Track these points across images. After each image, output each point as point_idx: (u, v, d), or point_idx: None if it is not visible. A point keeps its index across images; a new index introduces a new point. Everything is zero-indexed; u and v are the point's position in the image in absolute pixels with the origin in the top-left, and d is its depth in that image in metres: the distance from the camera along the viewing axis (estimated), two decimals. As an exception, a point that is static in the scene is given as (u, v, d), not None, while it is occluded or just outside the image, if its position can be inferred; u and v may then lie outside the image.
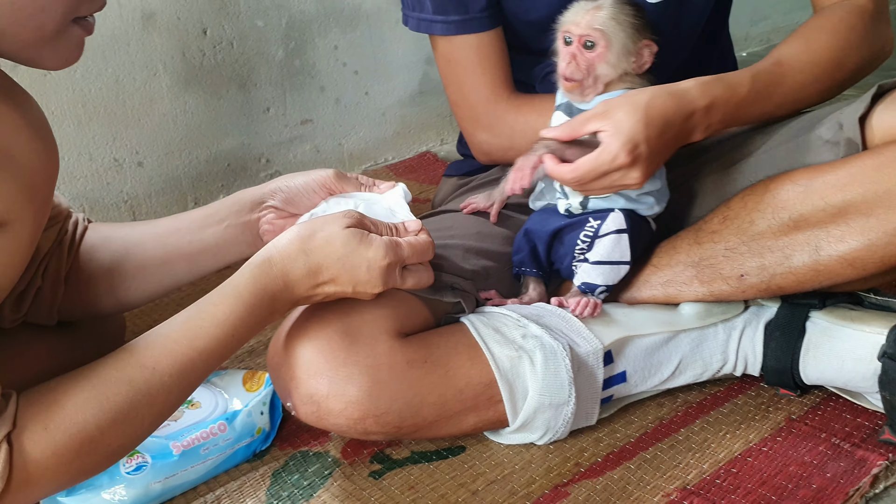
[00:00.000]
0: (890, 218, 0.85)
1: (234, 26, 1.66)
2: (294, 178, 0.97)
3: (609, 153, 0.85)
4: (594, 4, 0.93)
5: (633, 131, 0.85)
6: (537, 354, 0.90)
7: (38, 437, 0.66)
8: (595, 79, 0.93)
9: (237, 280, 0.77)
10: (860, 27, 0.99)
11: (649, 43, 0.93)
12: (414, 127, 2.02)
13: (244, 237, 0.96)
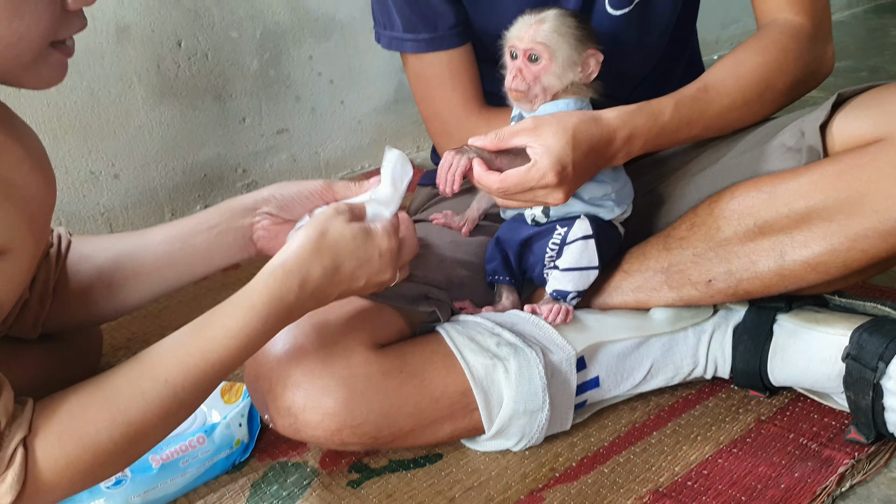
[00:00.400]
0: (851, 223, 0.87)
1: (209, 38, 1.67)
2: (288, 187, 0.98)
3: (538, 171, 0.86)
4: (538, 18, 0.95)
5: (562, 153, 0.86)
6: (511, 362, 0.91)
7: (51, 447, 0.67)
8: (542, 90, 0.95)
9: (250, 291, 0.76)
10: (794, 48, 0.99)
11: (594, 52, 0.95)
12: (390, 135, 2.03)
13: (236, 242, 0.97)
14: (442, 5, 1.07)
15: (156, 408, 0.71)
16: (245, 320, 0.74)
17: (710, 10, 2.04)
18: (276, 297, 0.76)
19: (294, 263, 0.77)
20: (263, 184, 1.81)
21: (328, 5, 1.83)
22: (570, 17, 0.95)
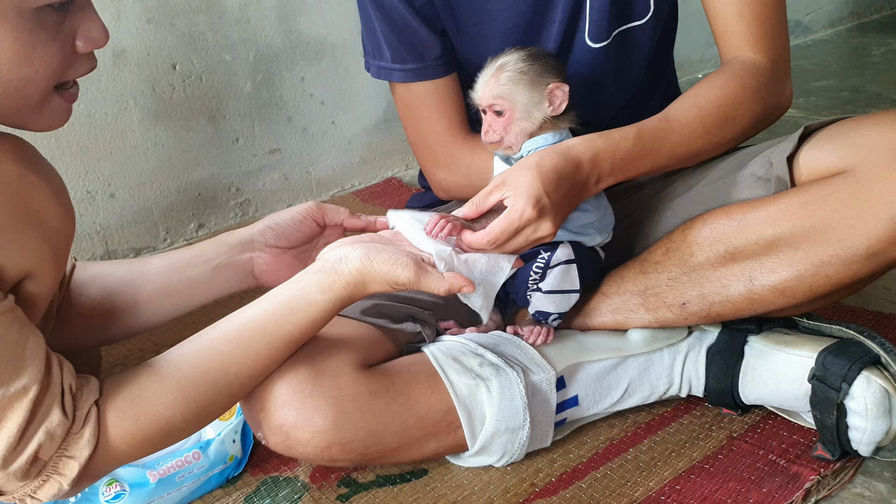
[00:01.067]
0: (816, 251, 0.92)
1: (203, 61, 1.71)
2: (280, 216, 1.02)
3: (516, 211, 0.88)
4: (495, 68, 0.97)
5: (531, 188, 0.88)
6: (493, 382, 0.95)
7: (129, 426, 0.77)
8: (515, 137, 0.98)
9: (315, 310, 0.85)
10: (752, 83, 1.03)
11: (558, 85, 0.97)
12: (379, 153, 2.08)
13: (233, 276, 1.02)
14: (429, 37, 1.12)
15: (224, 395, 0.83)
16: (307, 330, 0.86)
17: (694, 30, 2.08)
18: (330, 313, 0.87)
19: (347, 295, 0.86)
20: (256, 202, 1.86)
21: (320, 29, 1.87)
22: (524, 60, 0.97)
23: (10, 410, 0.70)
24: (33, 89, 0.74)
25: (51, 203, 0.77)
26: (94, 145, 1.61)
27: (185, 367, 0.80)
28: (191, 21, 1.67)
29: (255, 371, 0.84)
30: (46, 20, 0.72)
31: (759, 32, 1.06)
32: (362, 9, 1.16)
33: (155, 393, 0.78)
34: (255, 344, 0.83)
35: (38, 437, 0.71)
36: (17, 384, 0.71)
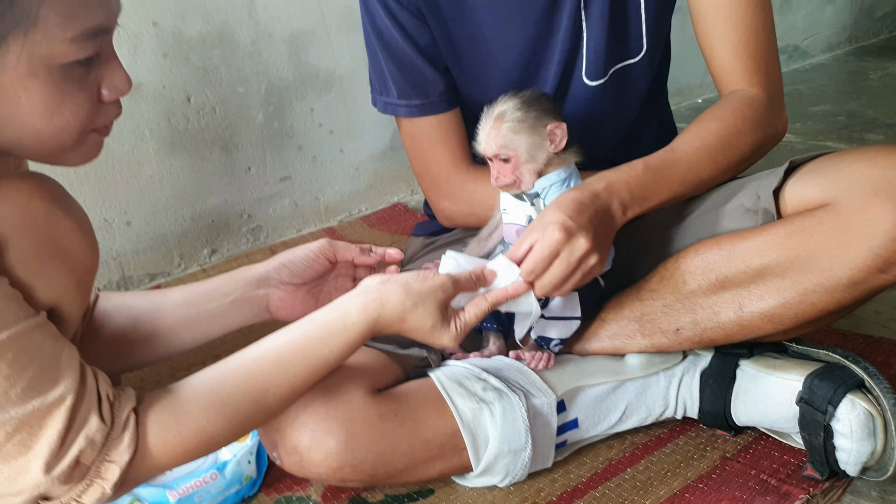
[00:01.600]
0: (801, 279, 0.97)
1: (217, 93, 1.77)
2: (293, 253, 1.08)
3: (544, 239, 0.93)
4: (494, 117, 1.03)
5: (552, 217, 0.93)
6: (496, 406, 1.00)
7: (171, 437, 0.80)
8: (525, 177, 1.03)
9: (349, 331, 0.89)
10: (750, 114, 1.09)
11: (556, 125, 1.02)
12: (385, 180, 2.14)
13: (249, 310, 1.07)
14: (432, 75, 1.18)
15: (262, 412, 0.87)
16: (341, 355, 0.90)
17: (693, 56, 2.12)
18: (364, 337, 0.91)
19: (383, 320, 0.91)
20: (267, 228, 1.92)
21: (328, 62, 1.94)
22: (521, 108, 1.02)
23: (50, 418, 0.74)
24: (66, 136, 0.79)
25: (76, 237, 0.82)
26: (111, 175, 1.67)
27: (227, 384, 0.84)
28: (205, 55, 1.74)
29: (292, 391, 0.88)
30: (74, 74, 0.77)
31: (754, 68, 1.12)
32: (370, 48, 1.22)
33: (198, 407, 0.82)
34: (294, 365, 0.87)
35: (79, 442, 0.75)
36: (53, 393, 0.74)
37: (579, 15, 1.12)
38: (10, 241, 0.76)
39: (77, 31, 0.75)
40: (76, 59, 0.76)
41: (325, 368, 0.89)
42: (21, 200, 0.78)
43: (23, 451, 0.73)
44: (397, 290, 0.91)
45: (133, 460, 0.78)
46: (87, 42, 0.76)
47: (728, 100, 1.12)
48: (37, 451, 0.73)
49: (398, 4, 1.14)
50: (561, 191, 1.02)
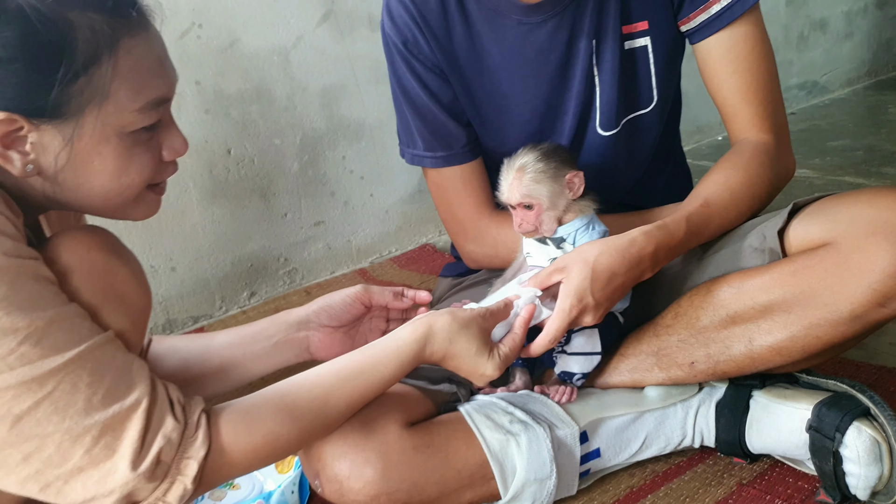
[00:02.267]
0: (806, 314, 1.03)
1: (255, 145, 1.88)
2: (332, 298, 1.16)
3: (562, 310, 1.03)
4: (516, 168, 1.11)
5: (580, 288, 1.02)
6: (523, 437, 1.07)
7: (242, 437, 0.87)
8: (546, 223, 1.11)
9: (402, 352, 0.98)
10: (767, 162, 1.17)
11: (575, 173, 1.11)
12: (414, 222, 2.23)
13: (291, 351, 1.16)
14: (456, 128, 1.27)
15: (322, 421, 0.95)
16: (394, 373, 0.98)
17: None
18: (417, 360, 0.99)
19: (433, 342, 0.99)
20: (303, 271, 2.01)
21: (358, 112, 2.05)
22: (541, 159, 1.11)
23: (129, 421, 0.81)
24: (130, 193, 0.90)
25: (132, 284, 0.91)
26: (157, 224, 1.78)
27: (293, 393, 0.92)
28: (244, 110, 1.85)
29: (349, 403, 0.96)
30: (140, 138, 0.88)
31: (763, 114, 1.20)
32: (397, 104, 1.31)
33: (267, 411, 0.89)
34: (351, 381, 0.95)
35: (158, 441, 0.82)
36: (130, 398, 0.81)
37: (592, 71, 1.20)
38: (75, 287, 0.85)
39: (143, 103, 0.86)
40: (142, 126, 0.87)
41: (379, 385, 0.97)
42: (82, 250, 0.87)
43: (109, 454, 0.80)
44: (444, 315, 1.01)
45: (208, 456, 0.85)
46: (152, 111, 0.87)
47: (745, 147, 1.19)
48: (122, 453, 0.80)
49: (422, 65, 1.24)
50: (587, 235, 1.10)
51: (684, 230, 1.09)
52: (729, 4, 1.16)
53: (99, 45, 0.82)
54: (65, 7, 0.80)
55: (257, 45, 1.85)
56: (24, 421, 0.77)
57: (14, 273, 0.77)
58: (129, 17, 0.85)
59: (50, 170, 0.85)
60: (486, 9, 1.19)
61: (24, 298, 0.77)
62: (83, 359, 0.79)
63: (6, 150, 0.83)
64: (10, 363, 0.75)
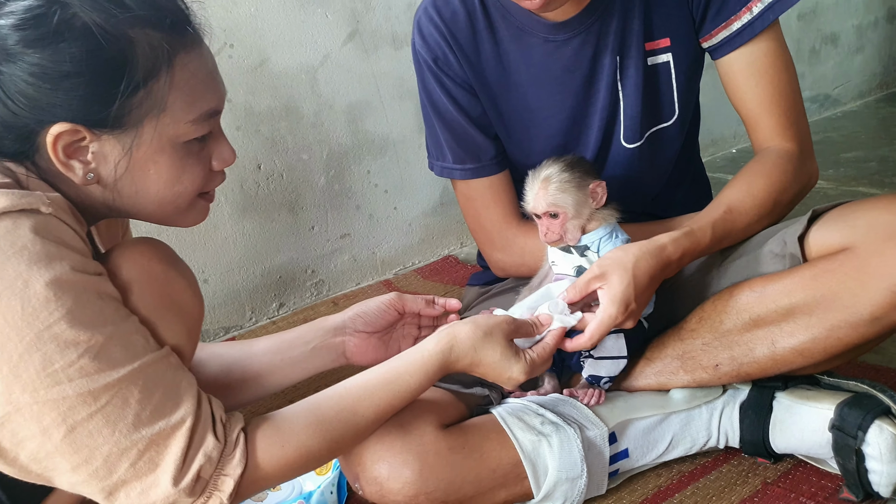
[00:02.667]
0: (827, 316, 1.06)
1: (284, 160, 1.94)
2: (367, 305, 1.21)
3: (609, 316, 1.06)
4: (541, 179, 1.15)
5: (625, 294, 1.06)
6: (554, 438, 1.11)
7: (276, 451, 0.91)
8: (570, 232, 1.16)
9: (427, 362, 1.01)
10: (790, 170, 1.21)
11: (598, 183, 1.15)
12: (436, 234, 2.28)
13: (328, 356, 1.20)
14: (484, 141, 1.32)
15: (351, 430, 0.97)
16: (420, 382, 1.00)
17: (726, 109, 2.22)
18: (442, 368, 1.02)
19: (457, 352, 1.02)
20: (329, 282, 2.06)
21: (383, 128, 2.10)
22: (566, 170, 1.15)
23: (173, 438, 0.85)
24: (183, 201, 0.95)
25: (187, 293, 0.96)
26: (190, 238, 1.83)
27: (322, 406, 0.96)
28: (273, 127, 1.91)
29: (377, 414, 0.98)
30: (192, 149, 0.94)
31: (786, 124, 1.24)
32: (426, 118, 1.36)
33: (297, 424, 0.93)
34: (378, 391, 0.98)
35: (199, 459, 0.86)
36: (176, 416, 0.85)
37: (616, 86, 1.25)
38: (135, 296, 0.90)
39: (196, 114, 0.91)
40: (195, 137, 0.92)
41: (406, 395, 1.00)
42: (143, 262, 0.92)
43: (152, 468, 0.84)
44: (467, 324, 1.04)
45: (244, 473, 0.89)
46: (204, 122, 0.93)
47: (768, 155, 1.23)
48: (164, 468, 0.84)
49: (452, 81, 1.29)
50: (611, 243, 1.14)
51: (709, 237, 1.13)
52: (749, 22, 1.20)
53: (157, 60, 0.87)
54: (126, 25, 0.85)
55: (286, 63, 1.91)
56: (76, 431, 0.81)
57: (80, 288, 0.81)
58: (184, 34, 0.90)
59: (109, 178, 0.90)
60: (513, 27, 1.24)
61: (87, 314, 0.81)
62: (136, 375, 0.83)
63: (69, 159, 0.88)
64: (69, 374, 0.79)
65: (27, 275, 0.78)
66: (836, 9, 3.39)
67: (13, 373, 0.78)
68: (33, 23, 0.83)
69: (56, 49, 0.83)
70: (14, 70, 0.84)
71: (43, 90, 0.84)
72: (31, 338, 0.78)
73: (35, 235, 0.79)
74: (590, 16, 1.21)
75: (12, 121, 0.86)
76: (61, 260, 0.80)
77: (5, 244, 0.78)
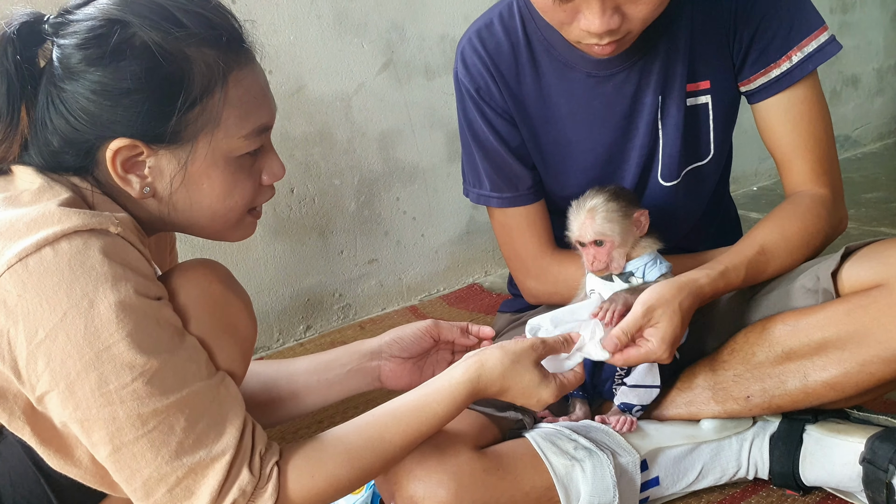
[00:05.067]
0: (860, 351, 1.08)
1: (316, 185, 1.98)
2: (403, 330, 1.23)
3: (655, 354, 1.09)
4: (587, 209, 1.18)
5: (673, 335, 1.08)
6: (587, 463, 1.13)
7: (306, 482, 0.92)
8: (616, 260, 1.18)
9: (455, 390, 1.01)
10: (823, 214, 1.24)
11: (642, 213, 1.19)
12: (462, 262, 2.31)
13: (363, 379, 1.22)
14: (522, 171, 1.35)
15: (379, 458, 0.97)
16: (447, 410, 1.00)
17: (747, 147, 2.26)
18: (471, 395, 1.02)
19: (485, 379, 1.02)
20: (356, 307, 2.09)
21: (413, 156, 2.14)
22: (611, 200, 1.18)
23: (211, 469, 0.85)
24: (233, 216, 0.98)
25: (243, 315, 0.99)
26: (223, 258, 1.82)
27: (350, 435, 0.96)
28: (307, 152, 1.95)
29: (405, 441, 0.98)
30: (244, 163, 0.97)
31: (819, 170, 1.27)
32: (465, 146, 1.40)
33: (327, 454, 0.93)
34: (406, 417, 0.98)
35: (233, 493, 0.87)
36: (217, 447, 0.86)
37: (656, 125, 1.28)
38: (195, 316, 0.92)
39: (249, 129, 0.95)
40: (247, 152, 0.95)
41: (434, 422, 1.00)
42: (204, 283, 0.95)
43: (187, 496, 0.85)
44: (495, 351, 1.04)
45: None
46: (256, 137, 0.96)
47: (802, 199, 1.25)
48: (199, 497, 0.85)
49: (493, 111, 1.32)
50: (655, 269, 1.17)
51: (742, 278, 1.16)
52: (788, 70, 1.23)
53: (213, 77, 0.91)
54: (183, 43, 0.89)
55: (322, 91, 1.96)
56: (121, 452, 0.83)
57: (141, 313, 0.83)
58: (238, 52, 0.94)
59: (165, 192, 0.93)
60: (556, 61, 1.28)
61: (145, 338, 0.83)
62: (184, 403, 0.85)
63: (126, 173, 0.91)
64: (122, 396, 0.81)
65: (93, 295, 0.80)
66: (857, 52, 3.43)
67: (69, 388, 0.81)
68: (95, 42, 0.87)
69: (117, 67, 0.87)
70: (76, 87, 0.87)
71: (104, 107, 0.87)
72: (91, 357, 0.80)
73: (103, 256, 0.81)
74: (634, 54, 1.24)
75: (74, 136, 0.89)
76: (126, 282, 0.82)
77: (75, 263, 0.80)
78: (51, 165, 0.91)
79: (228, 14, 0.95)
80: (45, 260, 0.79)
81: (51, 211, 0.82)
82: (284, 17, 1.88)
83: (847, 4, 3.35)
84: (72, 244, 0.81)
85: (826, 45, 1.24)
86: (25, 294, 0.79)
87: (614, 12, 1.06)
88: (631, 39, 1.14)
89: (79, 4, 0.91)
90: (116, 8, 0.88)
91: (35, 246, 0.79)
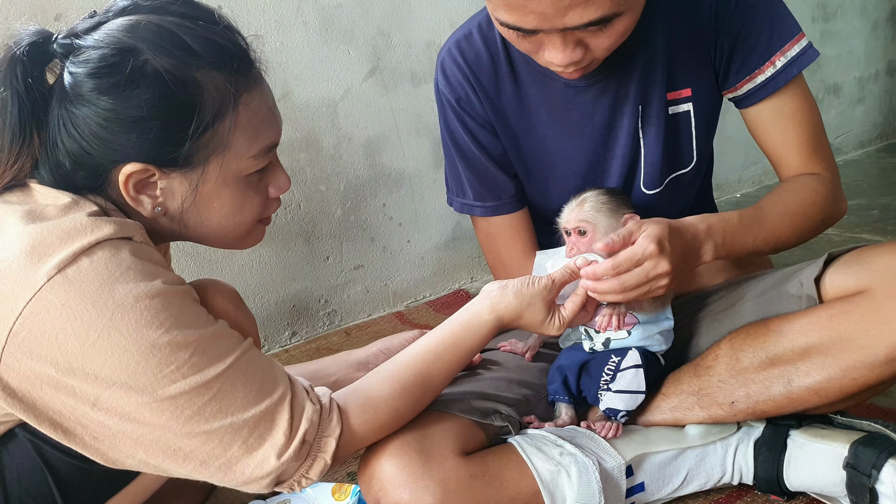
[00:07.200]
0: (843, 357, 1.09)
1: (302, 191, 1.97)
2: (391, 341, 1.24)
3: (640, 245, 1.07)
4: (579, 200, 1.20)
5: (659, 232, 1.07)
6: (572, 469, 1.13)
7: (370, 416, 1.01)
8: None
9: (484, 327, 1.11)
10: (822, 190, 1.25)
11: (631, 215, 1.19)
12: (448, 268, 2.31)
13: None
14: (504, 180, 1.35)
15: (428, 391, 1.08)
16: (479, 344, 1.11)
17: (730, 154, 2.28)
18: (494, 333, 1.12)
19: (505, 320, 1.12)
20: (342, 312, 2.08)
21: (399, 162, 2.14)
22: (604, 195, 1.20)
23: (278, 412, 0.92)
24: (243, 229, 1.01)
25: (252, 332, 1.04)
26: (208, 265, 1.86)
27: (403, 372, 1.05)
28: (293, 158, 1.95)
29: (448, 373, 1.09)
30: (252, 180, 0.99)
31: (816, 159, 1.29)
32: (448, 156, 1.40)
33: (386, 390, 1.03)
34: (447, 353, 1.08)
35: (303, 424, 0.93)
36: (277, 393, 0.93)
37: (637, 134, 1.29)
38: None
39: (258, 150, 0.96)
40: (255, 170, 0.96)
41: (468, 355, 1.11)
42: (218, 299, 1.01)
43: (262, 443, 0.91)
44: (511, 296, 1.11)
45: (342, 434, 0.96)
46: (264, 156, 0.97)
47: (798, 177, 1.28)
48: (273, 441, 0.91)
49: (474, 121, 1.33)
50: None
51: (737, 219, 1.17)
52: (773, 75, 1.25)
53: (224, 102, 0.92)
54: (194, 69, 0.90)
55: (308, 97, 1.96)
56: (193, 420, 0.87)
57: (180, 298, 0.88)
58: (248, 75, 0.95)
59: (176, 212, 0.96)
60: (535, 71, 1.28)
61: (189, 317, 0.89)
62: (239, 363, 0.91)
63: (138, 194, 0.93)
64: (183, 373, 0.87)
65: (136, 291, 0.85)
66: (838, 60, 3.47)
67: (132, 378, 0.85)
68: (107, 71, 0.88)
69: (129, 95, 0.88)
70: (87, 113, 0.89)
71: (115, 132, 0.89)
72: (147, 346, 0.85)
73: (134, 258, 0.87)
74: (612, 65, 1.25)
75: (86, 159, 0.91)
76: (158, 277, 0.87)
77: (112, 266, 0.85)
78: (63, 185, 0.93)
79: (237, 35, 0.96)
80: (82, 268, 0.83)
81: (82, 222, 0.86)
82: (270, 23, 1.88)
83: (828, 13, 3.38)
84: (104, 251, 0.85)
85: (807, 49, 1.26)
86: (69, 302, 0.82)
87: (576, 46, 1.08)
88: (597, 63, 1.16)
89: (87, 29, 0.92)
90: (127, 35, 0.89)
91: (72, 256, 0.83)
